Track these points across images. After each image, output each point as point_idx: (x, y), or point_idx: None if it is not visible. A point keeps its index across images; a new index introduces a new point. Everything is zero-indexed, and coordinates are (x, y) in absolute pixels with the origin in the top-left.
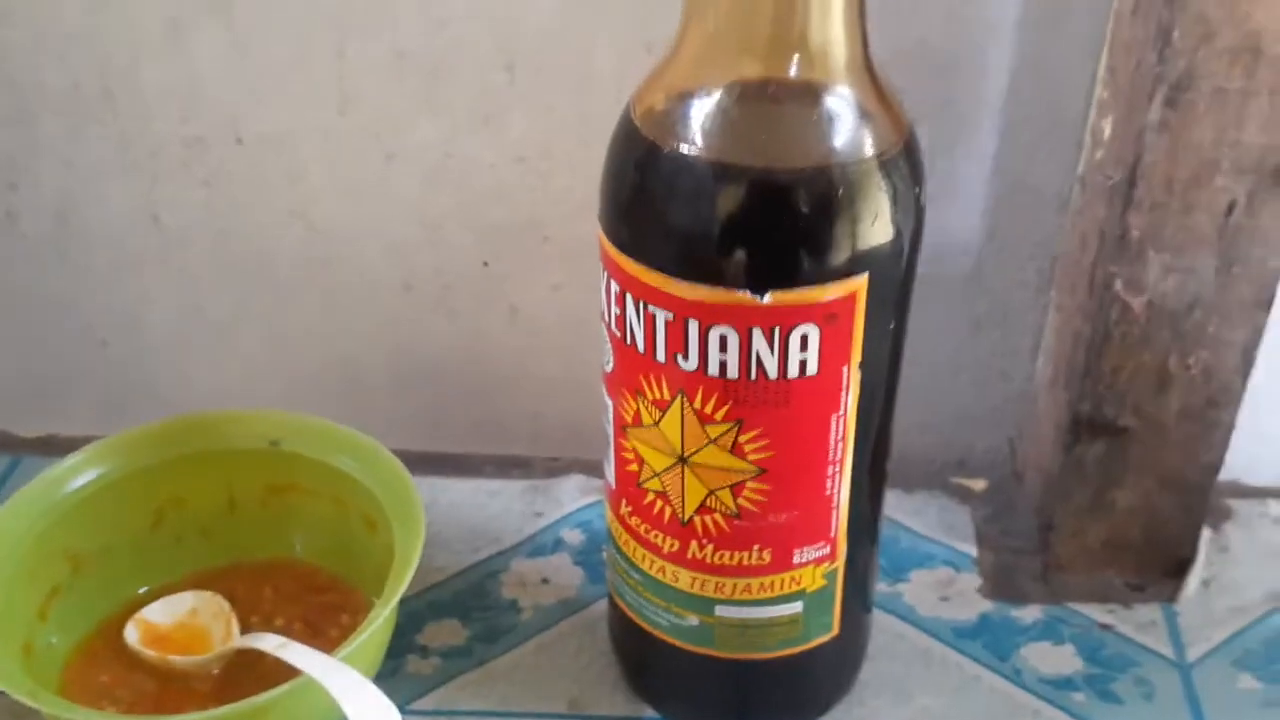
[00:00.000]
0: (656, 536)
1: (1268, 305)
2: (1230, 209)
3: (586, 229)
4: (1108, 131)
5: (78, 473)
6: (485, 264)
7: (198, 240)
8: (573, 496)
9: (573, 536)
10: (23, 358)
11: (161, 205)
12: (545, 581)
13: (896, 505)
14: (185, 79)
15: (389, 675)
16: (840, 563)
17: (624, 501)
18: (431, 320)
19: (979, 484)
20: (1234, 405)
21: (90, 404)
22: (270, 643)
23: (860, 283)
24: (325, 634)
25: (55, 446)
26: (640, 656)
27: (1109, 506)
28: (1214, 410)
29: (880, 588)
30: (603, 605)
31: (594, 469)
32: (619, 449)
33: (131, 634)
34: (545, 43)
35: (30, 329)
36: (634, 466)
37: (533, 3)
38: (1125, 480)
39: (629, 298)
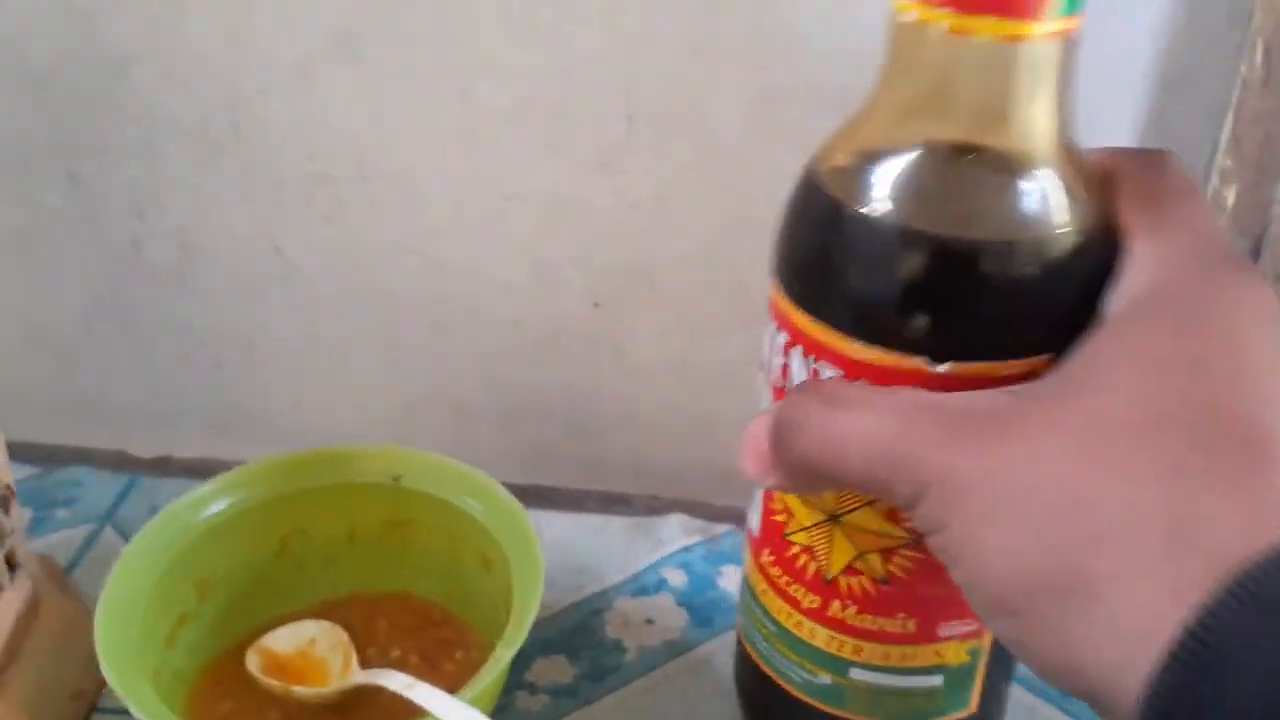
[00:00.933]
0: (797, 591)
1: None
2: None
3: (696, 276)
4: (1231, 200)
5: (209, 502)
6: (596, 305)
7: (317, 272)
8: (675, 536)
9: (675, 577)
10: (141, 380)
11: (283, 237)
12: (650, 622)
13: None
14: (312, 115)
15: (498, 712)
16: (986, 641)
17: (766, 550)
18: (540, 357)
19: None
20: None
21: (205, 427)
22: (397, 681)
23: (1040, 361)
24: (440, 668)
25: (170, 467)
26: (766, 706)
27: None
28: None
29: None
30: (707, 649)
31: (695, 509)
32: (767, 498)
33: (253, 661)
34: (664, 91)
35: (150, 353)
36: (781, 517)
37: (654, 53)
38: None
39: (797, 351)
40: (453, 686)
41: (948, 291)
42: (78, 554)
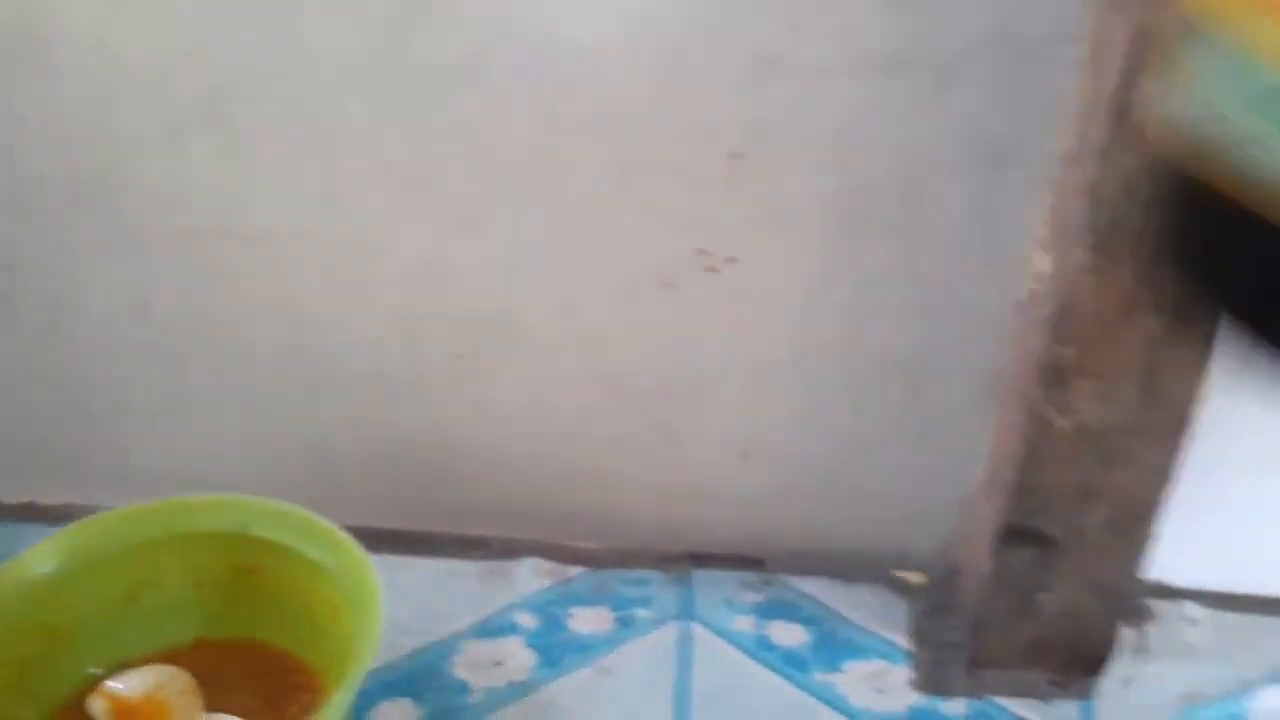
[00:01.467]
0: None
1: (1186, 429)
2: (1150, 342)
3: (556, 324)
4: (1045, 267)
5: (55, 552)
6: (458, 356)
7: (184, 326)
8: (528, 580)
9: (526, 619)
10: (8, 428)
11: (152, 292)
12: (498, 664)
13: (838, 597)
14: (182, 177)
15: None
16: None
17: None
18: (401, 406)
19: (918, 578)
20: (1154, 520)
21: (71, 475)
22: None
23: None
24: (284, 713)
25: (35, 513)
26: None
27: (1035, 608)
28: (1136, 524)
29: (816, 677)
30: (553, 689)
31: (551, 551)
32: None
33: (98, 706)
34: (527, 160)
35: (18, 402)
36: None
37: (510, 131)
38: (1051, 585)
39: None
40: None
41: None
42: None
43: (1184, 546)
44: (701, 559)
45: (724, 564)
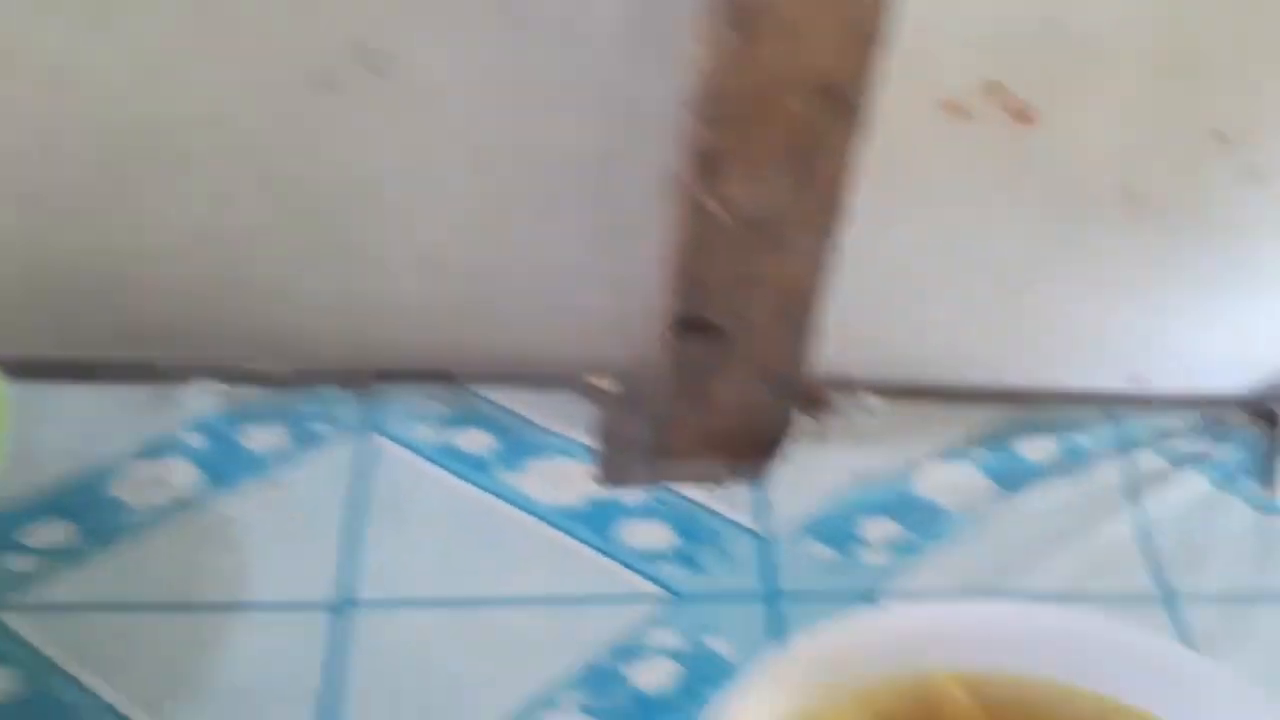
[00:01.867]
0: None
1: (839, 213)
2: (797, 124)
3: (208, 135)
4: (700, 56)
5: None
6: (107, 170)
7: None
8: (199, 402)
9: (195, 440)
10: None
11: None
12: (161, 483)
13: (528, 404)
14: None
15: None
16: None
17: None
18: (56, 228)
19: (608, 382)
20: (816, 306)
21: None
22: None
23: None
24: None
25: None
26: None
27: (710, 398)
28: (799, 311)
29: (500, 477)
30: (220, 505)
31: (226, 374)
32: None
33: None
34: None
35: None
36: None
37: None
38: (724, 375)
39: None
40: None
41: None
42: None
43: (862, 340)
44: (389, 375)
45: (412, 379)
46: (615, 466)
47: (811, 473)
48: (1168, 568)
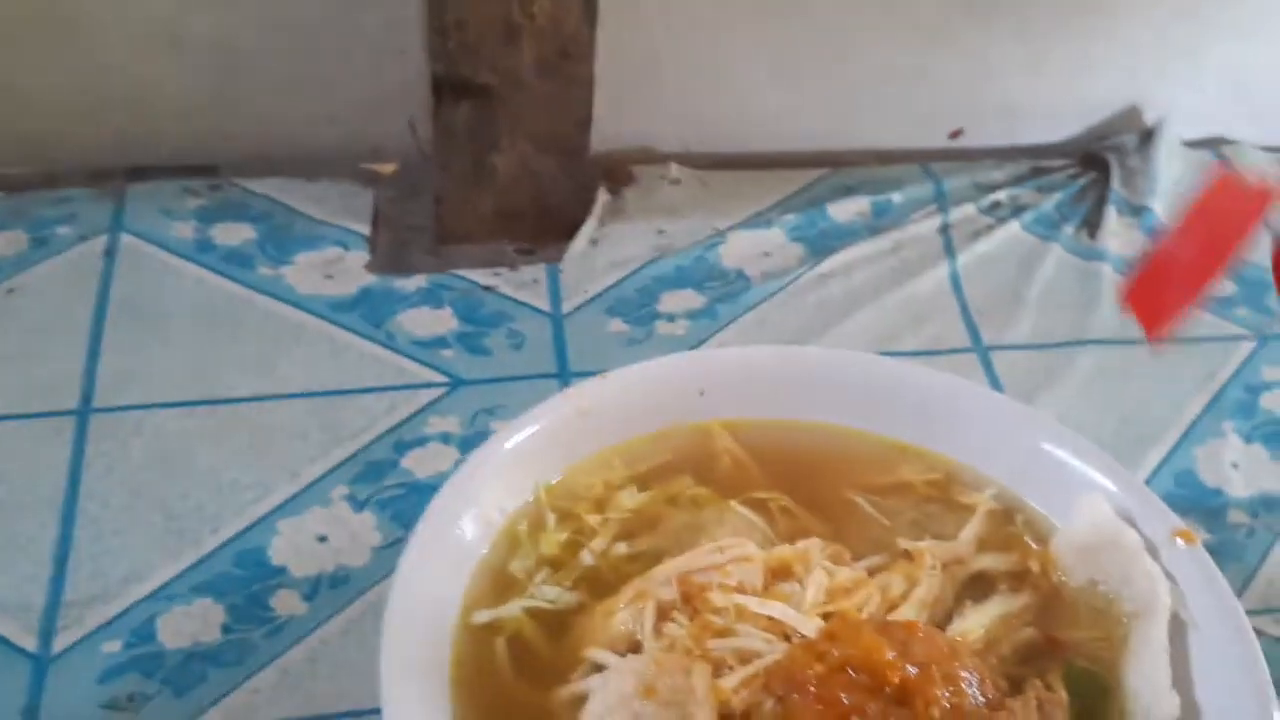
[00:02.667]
0: None
1: None
2: None
3: None
4: None
5: None
6: None
7: None
8: None
9: None
10: None
11: None
12: None
13: (296, 194)
14: None
15: None
16: None
17: None
18: None
19: (388, 168)
20: (587, 58)
21: None
22: None
23: None
24: None
25: None
26: None
27: (489, 173)
28: (568, 64)
29: (262, 271)
30: None
31: None
32: None
33: None
34: None
35: None
36: None
37: None
38: (500, 144)
39: None
40: None
41: None
42: None
43: (668, 109)
44: (142, 172)
45: (168, 175)
46: (393, 255)
47: (610, 249)
48: (984, 318)
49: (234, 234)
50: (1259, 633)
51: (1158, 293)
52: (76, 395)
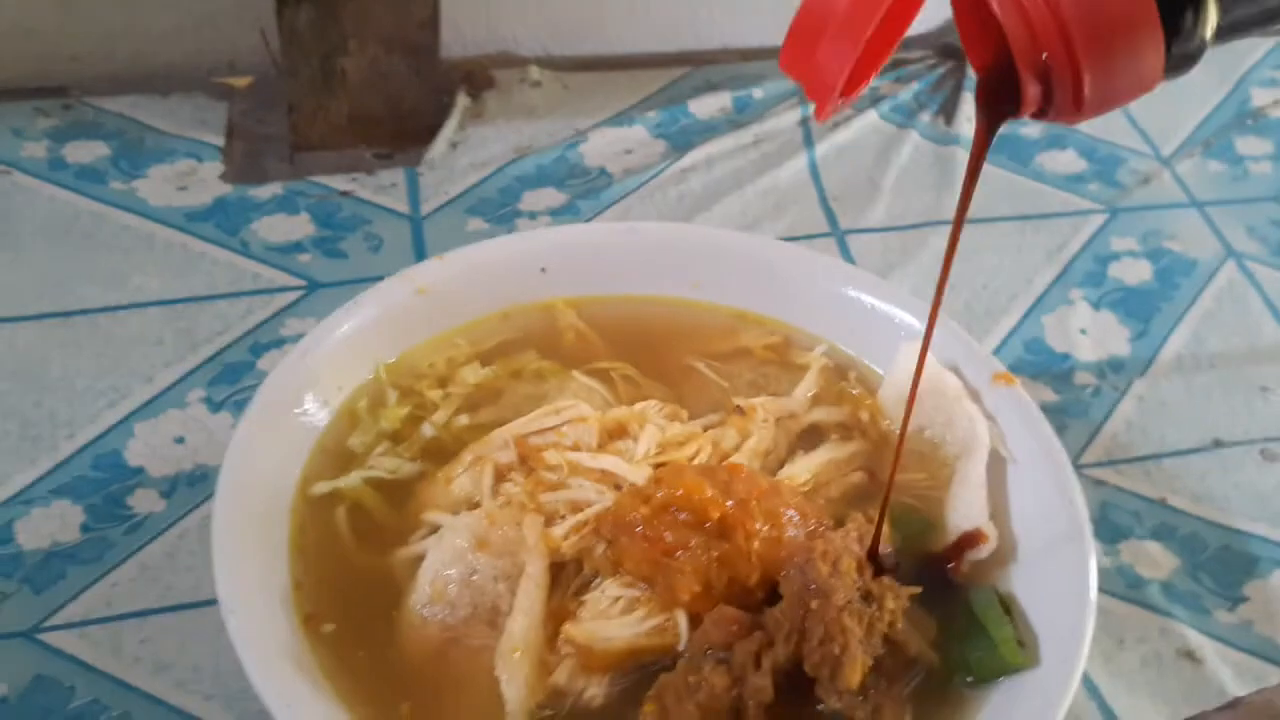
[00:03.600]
0: None
1: None
2: None
3: None
4: None
5: None
6: None
7: None
8: None
9: None
10: None
11: None
12: None
13: (149, 110)
14: None
15: None
16: None
17: None
18: None
19: (243, 81)
20: None
21: None
22: None
23: None
24: None
25: None
26: None
27: (340, 77)
28: None
29: (114, 186)
30: None
31: None
32: None
33: None
34: None
35: None
36: None
37: None
38: (347, 46)
39: None
40: None
41: None
42: None
43: (526, 13)
44: None
45: (18, 97)
46: (248, 165)
47: (471, 152)
48: (841, 203)
49: (86, 151)
50: (1101, 483)
51: (815, 49)
52: None
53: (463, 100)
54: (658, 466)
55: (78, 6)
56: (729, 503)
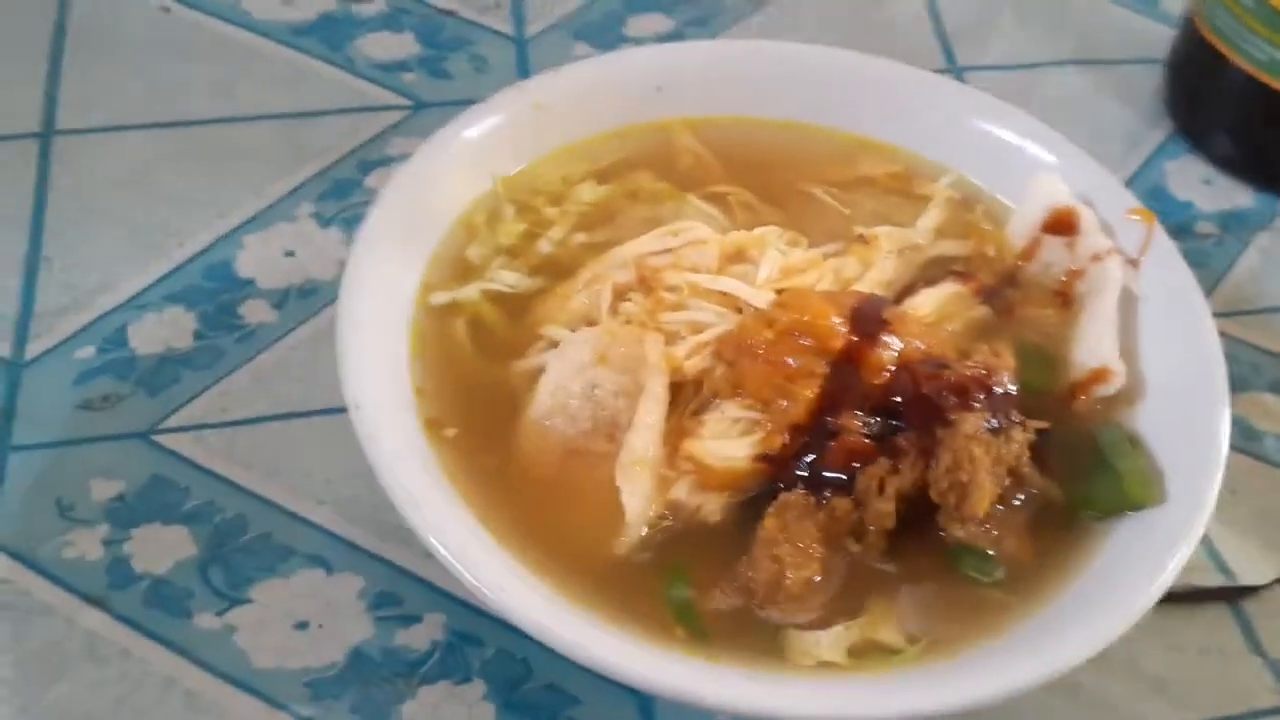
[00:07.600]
0: None
1: None
2: None
3: None
4: None
5: None
6: None
7: None
8: None
9: None
10: None
11: None
12: None
13: None
14: None
15: None
16: None
17: None
18: None
19: None
20: None
21: None
22: None
23: None
24: None
25: None
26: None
27: None
28: None
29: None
30: None
31: None
32: None
33: None
34: None
35: None
36: None
37: None
38: None
39: None
40: None
41: None
42: None
43: None
44: None
45: None
46: None
47: None
48: (956, 40)
49: None
50: (1221, 333)
51: None
52: (39, 119)
53: None
54: (778, 292)
55: None
56: (852, 331)
